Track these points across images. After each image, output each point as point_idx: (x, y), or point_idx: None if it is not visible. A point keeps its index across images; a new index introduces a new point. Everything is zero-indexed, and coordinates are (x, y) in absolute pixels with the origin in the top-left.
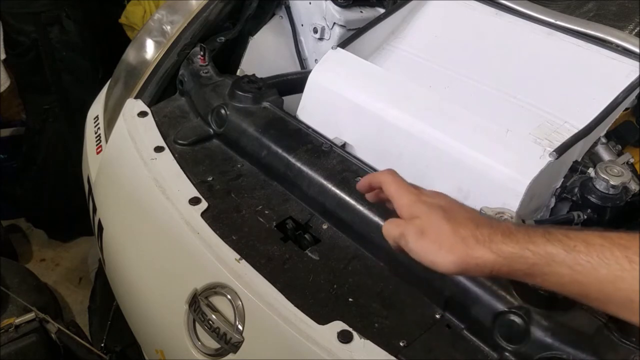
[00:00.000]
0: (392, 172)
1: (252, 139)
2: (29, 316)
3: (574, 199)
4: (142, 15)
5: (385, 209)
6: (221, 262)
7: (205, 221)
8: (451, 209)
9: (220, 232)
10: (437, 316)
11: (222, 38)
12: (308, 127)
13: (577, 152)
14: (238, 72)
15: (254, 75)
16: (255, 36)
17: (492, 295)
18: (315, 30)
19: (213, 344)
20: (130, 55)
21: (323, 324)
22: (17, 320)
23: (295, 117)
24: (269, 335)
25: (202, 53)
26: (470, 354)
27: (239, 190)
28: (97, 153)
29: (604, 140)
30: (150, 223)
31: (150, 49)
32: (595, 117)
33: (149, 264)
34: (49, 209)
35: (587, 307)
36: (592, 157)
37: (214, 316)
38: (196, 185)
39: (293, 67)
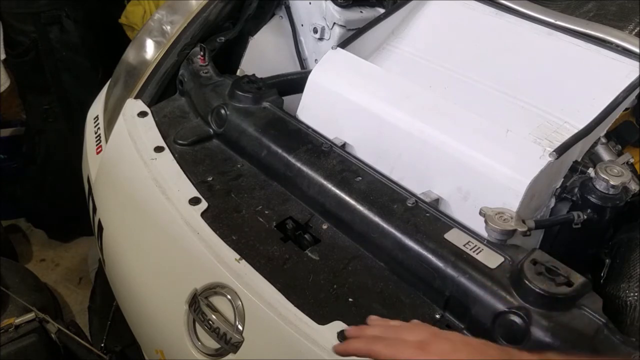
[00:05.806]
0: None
1: (252, 139)
2: (29, 316)
3: (574, 199)
4: (142, 15)
5: (387, 210)
6: (221, 262)
7: (205, 221)
8: None
9: (220, 232)
10: (437, 316)
11: (222, 38)
12: (308, 127)
13: (577, 152)
14: (238, 72)
15: (254, 75)
16: (255, 36)
17: (492, 295)
18: (315, 30)
19: (213, 344)
20: (130, 55)
21: (323, 324)
22: (17, 320)
23: (295, 117)
24: (269, 335)
25: (202, 53)
26: None
27: (239, 190)
28: (97, 153)
29: (604, 140)
30: (150, 223)
31: (150, 49)
32: (595, 117)
33: (149, 264)
34: (49, 209)
35: (587, 307)
36: (592, 157)
37: (214, 316)
38: (196, 185)
39: (293, 67)
